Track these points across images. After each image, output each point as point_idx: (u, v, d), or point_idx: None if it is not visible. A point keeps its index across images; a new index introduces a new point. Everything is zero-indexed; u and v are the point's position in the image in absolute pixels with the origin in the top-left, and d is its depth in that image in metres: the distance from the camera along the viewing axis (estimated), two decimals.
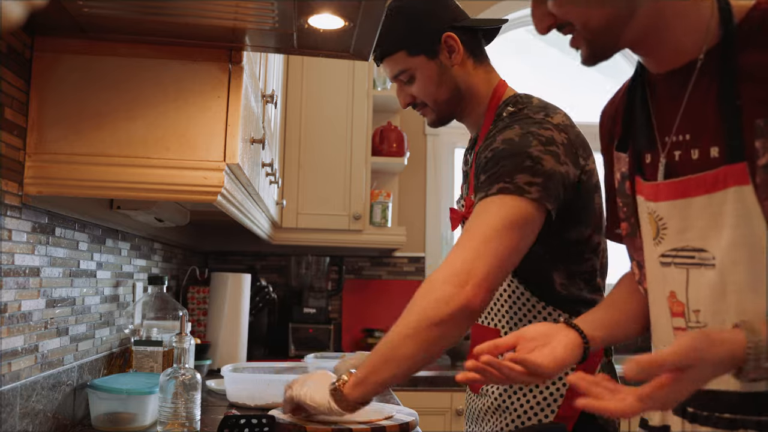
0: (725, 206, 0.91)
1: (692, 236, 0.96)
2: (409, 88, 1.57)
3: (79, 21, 1.21)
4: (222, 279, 2.62)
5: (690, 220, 0.96)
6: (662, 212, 1.00)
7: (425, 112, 1.60)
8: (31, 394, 1.31)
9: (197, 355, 2.03)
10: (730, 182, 0.90)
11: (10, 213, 1.22)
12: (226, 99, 1.31)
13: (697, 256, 0.95)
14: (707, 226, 0.94)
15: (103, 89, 1.29)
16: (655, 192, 1.01)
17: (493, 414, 1.52)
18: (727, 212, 0.91)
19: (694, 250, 0.96)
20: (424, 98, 1.56)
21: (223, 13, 1.17)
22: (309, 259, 3.35)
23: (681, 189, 0.97)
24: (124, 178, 1.28)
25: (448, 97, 1.55)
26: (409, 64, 1.54)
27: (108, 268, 1.81)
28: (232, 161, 1.31)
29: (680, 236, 0.98)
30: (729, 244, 0.91)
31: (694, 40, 0.96)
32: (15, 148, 1.23)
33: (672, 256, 0.99)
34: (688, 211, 0.96)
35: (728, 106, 0.91)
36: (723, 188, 0.91)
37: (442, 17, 1.54)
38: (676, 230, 0.98)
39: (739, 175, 0.89)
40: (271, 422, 1.38)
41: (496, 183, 1.32)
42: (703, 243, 0.95)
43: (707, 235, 0.94)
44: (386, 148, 3.33)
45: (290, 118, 3.16)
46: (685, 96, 0.97)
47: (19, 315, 1.27)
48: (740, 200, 0.90)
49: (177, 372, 1.42)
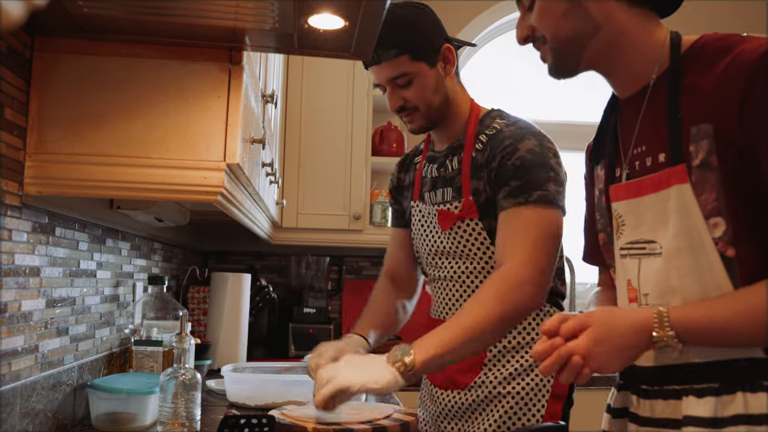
0: (669, 202, 1.07)
1: (644, 230, 1.11)
2: (403, 91, 1.63)
3: (79, 21, 1.21)
4: (222, 279, 2.62)
5: (642, 216, 1.12)
6: (621, 210, 1.16)
7: (413, 118, 1.66)
8: (31, 394, 1.31)
9: (197, 355, 2.03)
10: (673, 181, 1.06)
11: (10, 213, 1.22)
12: (226, 99, 1.31)
13: (648, 247, 1.11)
14: (655, 219, 1.09)
15: (104, 89, 1.29)
16: (615, 193, 1.17)
17: (487, 406, 1.57)
18: (671, 207, 1.06)
19: (645, 242, 1.11)
20: (419, 103, 1.63)
21: (223, 13, 1.17)
22: (309, 259, 3.35)
23: (634, 189, 1.13)
24: (124, 178, 1.28)
25: (439, 104, 1.65)
26: (410, 69, 1.60)
27: (108, 268, 1.81)
28: (232, 161, 1.31)
29: (635, 230, 1.13)
30: (672, 234, 1.06)
31: (648, 66, 1.13)
32: (15, 148, 1.23)
33: (628, 249, 1.15)
34: (640, 208, 1.12)
35: (672, 117, 1.08)
36: (666, 187, 1.07)
37: (440, 30, 1.65)
38: (631, 225, 1.14)
39: (680, 175, 1.05)
40: (271, 422, 1.38)
41: (534, 190, 1.50)
42: (653, 235, 1.10)
43: (656, 227, 1.09)
44: (386, 148, 3.33)
45: (290, 118, 3.16)
46: (640, 114, 1.14)
47: (19, 315, 1.27)
48: (681, 196, 1.05)
49: (177, 372, 1.42)
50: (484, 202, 1.59)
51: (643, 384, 1.14)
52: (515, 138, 1.56)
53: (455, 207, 1.62)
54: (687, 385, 1.07)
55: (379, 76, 1.64)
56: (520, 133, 1.57)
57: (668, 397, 1.10)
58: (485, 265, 1.61)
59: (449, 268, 1.67)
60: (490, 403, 1.59)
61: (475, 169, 1.61)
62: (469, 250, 1.62)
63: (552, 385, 1.60)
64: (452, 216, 1.62)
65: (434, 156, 1.73)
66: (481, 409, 1.60)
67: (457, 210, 1.62)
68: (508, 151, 1.54)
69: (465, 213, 1.60)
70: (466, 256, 1.63)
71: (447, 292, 1.68)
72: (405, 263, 1.89)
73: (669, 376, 1.09)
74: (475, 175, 1.60)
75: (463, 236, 1.62)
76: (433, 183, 1.70)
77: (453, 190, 1.64)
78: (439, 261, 1.69)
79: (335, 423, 1.48)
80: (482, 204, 1.59)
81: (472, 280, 1.63)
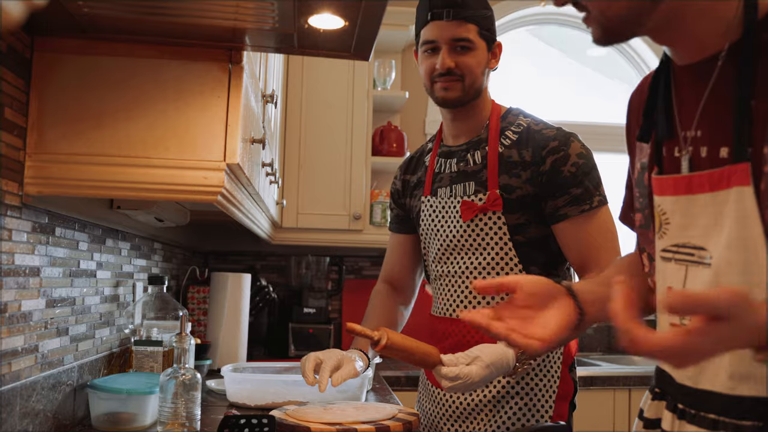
0: (727, 206, 0.89)
1: (695, 234, 0.94)
2: (459, 57, 1.66)
3: (79, 21, 1.21)
4: (222, 279, 2.61)
5: (693, 218, 0.94)
6: (666, 207, 0.98)
7: (454, 86, 1.67)
8: (31, 394, 1.31)
9: (197, 355, 2.02)
10: (734, 182, 0.88)
11: (10, 213, 1.22)
12: (226, 99, 1.31)
13: (696, 254, 0.94)
14: (709, 224, 0.92)
15: (103, 89, 1.29)
16: (660, 186, 1.00)
17: (493, 407, 1.56)
18: (728, 213, 0.89)
19: (694, 248, 0.94)
20: (467, 73, 1.66)
21: (223, 13, 1.17)
22: (309, 259, 3.35)
23: (684, 185, 0.95)
24: (124, 178, 1.28)
25: (480, 85, 1.69)
26: (476, 39, 1.66)
27: (108, 268, 1.81)
28: (232, 161, 1.31)
29: (682, 233, 0.96)
30: (725, 245, 0.89)
31: (718, 34, 0.92)
32: (15, 148, 1.23)
33: (673, 252, 0.98)
34: (692, 208, 0.94)
35: (741, 105, 0.88)
36: (726, 187, 0.89)
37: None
38: (678, 226, 0.97)
39: (741, 176, 0.87)
40: (271, 422, 1.37)
41: (594, 196, 1.60)
42: (704, 242, 0.93)
43: (709, 233, 0.92)
44: (386, 148, 3.33)
45: (290, 118, 3.16)
46: (705, 91, 0.94)
47: (19, 315, 1.27)
48: (740, 201, 0.87)
49: (177, 372, 1.42)
50: (516, 198, 1.62)
51: (680, 403, 1.00)
52: (562, 141, 1.62)
53: (479, 199, 1.65)
54: (726, 418, 0.92)
55: (442, 33, 1.65)
56: (564, 136, 1.63)
57: (702, 425, 0.95)
58: (500, 261, 1.63)
59: (460, 263, 1.67)
60: (497, 404, 1.59)
61: (505, 165, 1.64)
62: (487, 244, 1.63)
63: (558, 386, 1.61)
64: (475, 207, 1.65)
65: (450, 151, 1.75)
66: (488, 410, 1.59)
67: (482, 202, 1.64)
68: (559, 156, 1.60)
69: (489, 205, 1.63)
70: (482, 250, 1.64)
71: (454, 289, 1.68)
72: (405, 268, 1.90)
73: (709, 402, 0.94)
74: (507, 171, 1.63)
75: (483, 229, 1.64)
76: (451, 178, 1.72)
77: (477, 183, 1.67)
78: (450, 256, 1.69)
79: (338, 423, 1.48)
80: (513, 200, 1.62)
81: (484, 276, 1.64)
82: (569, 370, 1.66)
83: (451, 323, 1.68)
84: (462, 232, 1.66)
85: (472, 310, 1.06)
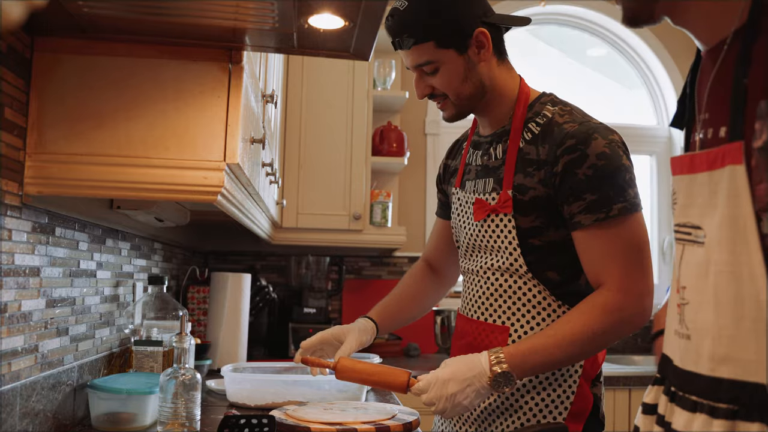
0: (721, 185, 0.90)
1: (693, 212, 0.95)
2: (431, 79, 1.52)
3: (79, 21, 1.21)
4: (222, 279, 2.61)
5: (693, 197, 0.95)
6: (675, 185, 1.00)
7: (444, 105, 1.57)
8: (31, 394, 1.31)
9: (197, 355, 2.02)
10: (727, 160, 0.88)
11: (10, 213, 1.22)
12: (226, 99, 1.31)
13: (693, 233, 0.95)
14: (705, 203, 0.93)
15: (103, 89, 1.29)
16: (672, 166, 1.02)
17: (501, 414, 1.50)
18: (721, 191, 0.89)
19: (692, 227, 0.95)
20: (447, 92, 1.53)
21: (223, 13, 1.17)
22: (309, 259, 3.35)
23: (687, 164, 0.96)
24: (124, 178, 1.28)
25: (471, 93, 1.53)
26: (436, 56, 1.49)
27: (108, 268, 1.81)
28: (232, 161, 1.31)
29: (684, 211, 0.97)
30: (717, 223, 0.90)
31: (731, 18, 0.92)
32: (15, 148, 1.23)
33: (676, 231, 0.99)
34: (693, 187, 0.95)
35: (737, 85, 0.89)
36: (721, 166, 0.89)
37: (474, 11, 1.50)
38: (682, 205, 0.98)
39: (735, 154, 0.87)
40: (271, 422, 1.38)
41: (614, 203, 1.40)
42: (701, 220, 0.94)
43: (705, 212, 0.93)
44: (386, 147, 3.33)
45: (290, 118, 3.16)
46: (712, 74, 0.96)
47: (19, 315, 1.27)
48: (733, 179, 0.88)
49: (177, 372, 1.42)
50: (529, 200, 1.47)
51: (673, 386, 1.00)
52: (580, 139, 1.42)
53: (492, 198, 1.53)
54: (704, 399, 0.91)
55: (406, 61, 1.55)
56: (584, 132, 1.43)
57: (685, 406, 0.95)
58: (513, 262, 1.50)
59: (479, 262, 1.57)
60: (505, 411, 1.51)
61: (522, 162, 1.49)
62: (499, 246, 1.52)
63: (571, 402, 1.49)
64: (486, 207, 1.53)
65: (479, 141, 1.63)
66: (494, 417, 1.53)
67: (494, 201, 1.52)
68: (574, 156, 1.41)
69: (499, 206, 1.50)
70: (495, 251, 1.53)
71: (475, 288, 1.59)
72: (443, 254, 1.82)
73: (693, 384, 0.94)
74: (523, 169, 1.48)
75: (495, 230, 1.52)
76: (476, 172, 1.60)
77: (494, 181, 1.54)
78: (473, 254, 1.60)
79: (338, 423, 1.48)
80: (525, 201, 1.48)
81: (497, 278, 1.53)
82: (591, 384, 1.54)
83: (467, 323, 1.60)
84: (477, 232, 1.56)
85: None
